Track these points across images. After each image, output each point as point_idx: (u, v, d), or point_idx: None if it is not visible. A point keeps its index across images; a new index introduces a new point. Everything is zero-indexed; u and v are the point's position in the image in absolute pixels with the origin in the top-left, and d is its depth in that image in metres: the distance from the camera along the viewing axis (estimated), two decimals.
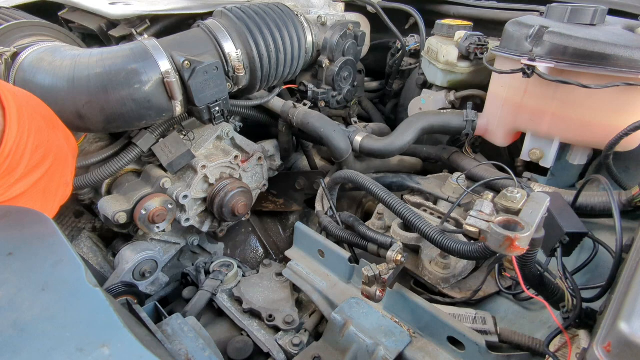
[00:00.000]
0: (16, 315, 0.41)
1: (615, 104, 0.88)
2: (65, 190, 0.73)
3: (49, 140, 0.68)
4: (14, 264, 0.45)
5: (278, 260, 1.18)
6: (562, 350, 0.65)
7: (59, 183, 0.70)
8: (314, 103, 1.28)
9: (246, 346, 0.85)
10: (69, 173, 0.73)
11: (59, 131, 0.72)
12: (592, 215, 0.87)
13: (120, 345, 0.41)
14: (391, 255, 0.75)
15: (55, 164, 0.67)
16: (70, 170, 0.73)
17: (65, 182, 0.73)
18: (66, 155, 0.72)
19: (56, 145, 0.70)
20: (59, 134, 0.72)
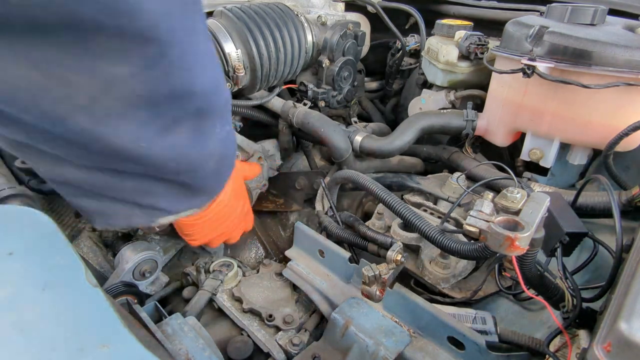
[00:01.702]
0: (16, 315, 0.41)
1: (615, 104, 0.88)
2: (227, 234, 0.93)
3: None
4: (14, 264, 0.45)
5: (278, 260, 1.18)
6: (562, 350, 0.65)
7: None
8: (314, 103, 1.28)
9: (246, 346, 0.85)
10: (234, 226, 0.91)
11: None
12: (592, 215, 0.87)
13: (120, 345, 0.41)
14: (391, 255, 0.75)
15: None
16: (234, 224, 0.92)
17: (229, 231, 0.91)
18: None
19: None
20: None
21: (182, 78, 0.45)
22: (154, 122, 0.46)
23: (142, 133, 0.46)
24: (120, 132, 0.44)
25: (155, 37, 0.40)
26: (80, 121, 0.41)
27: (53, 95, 0.39)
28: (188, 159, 0.53)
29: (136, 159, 0.48)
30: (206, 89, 0.50)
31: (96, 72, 0.39)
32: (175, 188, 0.57)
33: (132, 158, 0.47)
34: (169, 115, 0.47)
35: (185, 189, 0.59)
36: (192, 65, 0.46)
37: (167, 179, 0.54)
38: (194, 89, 0.48)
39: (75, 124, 0.41)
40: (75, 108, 0.41)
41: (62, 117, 0.41)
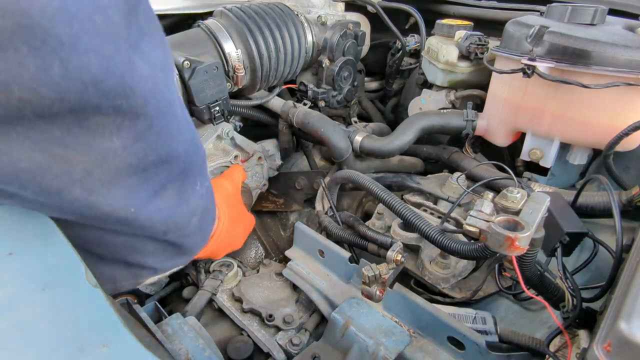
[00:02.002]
0: (16, 315, 0.41)
1: (615, 104, 0.88)
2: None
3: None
4: (14, 264, 0.45)
5: (278, 260, 1.18)
6: (562, 350, 0.65)
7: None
8: (314, 103, 1.28)
9: (246, 346, 0.85)
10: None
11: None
12: (592, 215, 0.87)
13: (120, 345, 0.41)
14: (391, 255, 0.75)
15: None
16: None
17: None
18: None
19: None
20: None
21: (167, 145, 0.49)
22: (143, 188, 0.49)
23: (131, 199, 0.48)
24: (111, 200, 0.46)
25: (144, 112, 0.44)
26: (75, 193, 0.44)
27: (52, 172, 0.41)
28: (174, 219, 0.56)
29: (125, 222, 0.50)
30: (187, 149, 0.54)
31: (92, 148, 0.42)
32: (162, 246, 0.59)
33: (122, 221, 0.50)
34: (156, 180, 0.51)
35: (172, 247, 0.61)
36: (174, 132, 0.50)
37: (156, 238, 0.57)
38: (177, 152, 0.52)
39: (70, 195, 0.44)
40: (71, 182, 0.43)
41: (59, 190, 0.43)
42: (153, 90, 0.44)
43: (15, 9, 0.31)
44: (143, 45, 0.42)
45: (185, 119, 0.54)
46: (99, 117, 0.40)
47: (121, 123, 0.42)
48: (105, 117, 0.40)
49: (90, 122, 0.40)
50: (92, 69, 0.37)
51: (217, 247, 0.84)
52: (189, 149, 0.55)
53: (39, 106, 0.36)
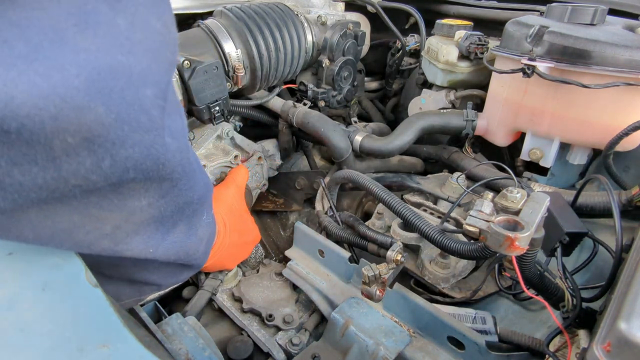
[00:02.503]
0: (16, 315, 0.41)
1: (615, 104, 0.88)
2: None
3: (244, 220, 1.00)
4: (14, 264, 0.45)
5: (278, 259, 1.18)
6: (562, 350, 0.65)
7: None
8: (313, 102, 1.28)
9: (246, 346, 0.85)
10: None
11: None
12: (592, 215, 0.87)
13: (120, 345, 0.41)
14: (391, 255, 0.76)
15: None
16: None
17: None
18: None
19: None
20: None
21: (186, 196, 0.55)
22: (159, 231, 0.54)
23: (150, 242, 0.53)
24: (133, 246, 0.52)
25: (170, 177, 0.49)
26: (103, 244, 0.49)
27: (86, 229, 0.46)
28: (185, 249, 0.61)
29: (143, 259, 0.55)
30: (201, 194, 0.59)
31: (124, 208, 0.47)
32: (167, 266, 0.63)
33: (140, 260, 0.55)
34: (170, 224, 0.56)
35: (179, 267, 0.66)
36: (192, 185, 0.56)
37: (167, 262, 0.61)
38: (192, 200, 0.57)
39: (98, 247, 0.48)
40: (100, 236, 0.48)
41: (89, 244, 0.48)
42: (179, 159, 0.49)
43: (82, 125, 0.37)
44: (170, 122, 0.47)
45: (199, 167, 0.60)
46: (132, 184, 0.45)
47: (150, 186, 0.48)
48: (138, 184, 0.46)
49: (124, 188, 0.45)
50: (135, 157, 0.42)
51: (225, 258, 0.88)
52: (202, 193, 0.60)
53: (86, 187, 0.41)
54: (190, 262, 0.65)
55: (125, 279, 0.62)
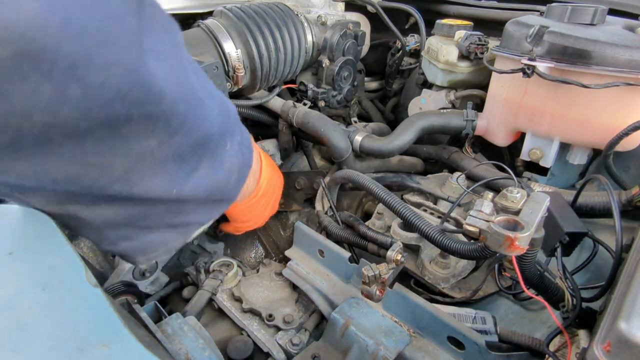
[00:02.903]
0: (16, 315, 0.41)
1: (615, 104, 0.88)
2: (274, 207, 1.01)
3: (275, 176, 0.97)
4: (14, 264, 0.45)
5: (278, 259, 1.18)
6: (562, 350, 0.65)
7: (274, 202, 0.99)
8: (313, 102, 1.28)
9: (246, 346, 0.85)
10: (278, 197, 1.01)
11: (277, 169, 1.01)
12: (592, 215, 0.87)
13: (120, 345, 0.41)
14: (391, 255, 0.76)
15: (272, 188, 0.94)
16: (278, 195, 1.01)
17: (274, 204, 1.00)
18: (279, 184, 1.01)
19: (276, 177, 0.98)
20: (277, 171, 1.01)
21: (200, 129, 0.50)
22: (181, 169, 0.50)
23: (172, 182, 0.50)
24: (154, 187, 0.48)
25: (176, 111, 0.44)
26: (117, 188, 0.45)
27: (90, 177, 0.42)
28: (215, 183, 0.57)
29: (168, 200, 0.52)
30: (220, 123, 0.55)
31: (130, 152, 0.42)
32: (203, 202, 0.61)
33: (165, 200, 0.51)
34: (193, 160, 0.52)
35: (214, 202, 0.63)
36: (205, 115, 0.50)
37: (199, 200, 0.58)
38: (212, 132, 0.52)
39: (112, 190, 0.45)
40: (112, 180, 0.44)
41: (100, 188, 0.44)
42: (181, 91, 0.43)
43: (13, 35, 0.28)
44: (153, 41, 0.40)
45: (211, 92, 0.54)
46: (131, 125, 0.40)
47: (155, 126, 0.42)
48: (138, 124, 0.40)
49: (123, 130, 0.40)
50: (115, 83, 0.35)
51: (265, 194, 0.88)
52: (222, 122, 0.55)
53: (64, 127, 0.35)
54: (223, 196, 0.62)
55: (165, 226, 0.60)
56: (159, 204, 0.54)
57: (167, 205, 0.55)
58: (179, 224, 0.61)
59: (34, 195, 0.47)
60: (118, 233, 0.57)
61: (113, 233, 0.57)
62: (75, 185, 0.43)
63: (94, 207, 0.51)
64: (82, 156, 0.39)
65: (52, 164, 0.39)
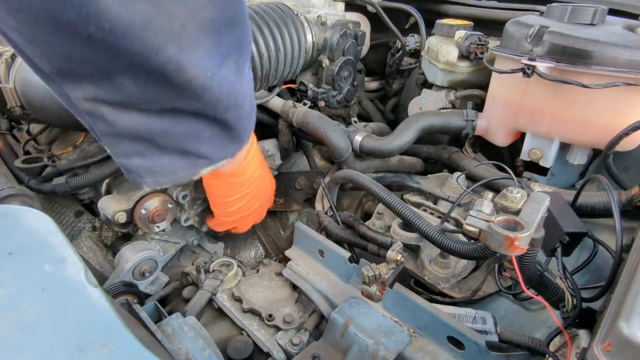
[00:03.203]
0: (16, 315, 0.41)
1: (615, 104, 0.88)
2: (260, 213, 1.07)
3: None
4: (14, 264, 0.46)
5: (278, 259, 1.18)
6: (562, 350, 0.65)
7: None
8: (313, 102, 1.28)
9: (246, 346, 0.85)
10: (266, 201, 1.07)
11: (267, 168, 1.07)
12: (592, 215, 0.87)
13: (120, 345, 0.41)
14: (391, 255, 0.76)
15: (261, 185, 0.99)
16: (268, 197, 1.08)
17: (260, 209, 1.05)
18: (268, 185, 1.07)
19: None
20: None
21: (235, 4, 0.55)
22: (216, 50, 0.55)
23: (208, 62, 0.54)
24: (195, 60, 0.52)
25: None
26: (170, 50, 0.49)
27: (157, 25, 0.47)
28: (235, 93, 0.62)
29: (201, 90, 0.56)
30: (244, 19, 0.60)
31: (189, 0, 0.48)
32: (219, 129, 0.65)
33: (198, 89, 0.55)
34: (225, 45, 0.56)
35: (227, 131, 0.67)
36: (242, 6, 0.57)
37: (216, 117, 0.62)
38: (240, 17, 0.58)
39: (165, 54, 0.49)
40: (169, 37, 0.48)
41: (158, 48, 0.48)
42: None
43: None
44: None
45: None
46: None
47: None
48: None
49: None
50: None
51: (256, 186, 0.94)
52: (245, 18, 0.60)
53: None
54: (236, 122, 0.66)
55: (179, 150, 0.64)
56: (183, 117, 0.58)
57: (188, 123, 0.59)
58: (191, 151, 0.65)
59: (75, 83, 0.52)
60: (136, 147, 0.62)
61: (131, 145, 0.62)
62: (142, 39, 0.46)
63: (122, 111, 0.56)
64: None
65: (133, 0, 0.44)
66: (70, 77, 0.53)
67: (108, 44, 0.47)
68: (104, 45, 0.47)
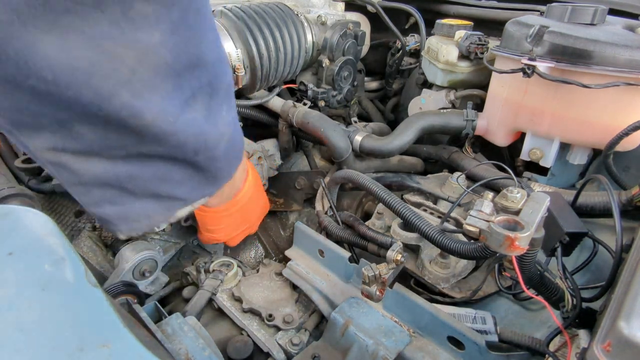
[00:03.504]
0: (16, 315, 0.41)
1: (615, 104, 0.88)
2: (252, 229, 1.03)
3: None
4: (14, 264, 0.45)
5: (278, 259, 1.18)
6: (562, 350, 0.65)
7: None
8: (313, 102, 1.28)
9: (246, 346, 0.85)
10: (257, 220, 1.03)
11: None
12: (592, 215, 0.87)
13: (120, 345, 0.41)
14: (391, 255, 0.75)
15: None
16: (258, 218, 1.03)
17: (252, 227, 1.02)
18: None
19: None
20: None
21: (197, 45, 0.52)
22: (177, 94, 0.52)
23: (168, 106, 0.51)
24: (152, 105, 0.50)
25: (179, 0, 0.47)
26: (122, 96, 0.47)
27: (104, 71, 0.45)
28: (204, 136, 0.58)
29: (162, 135, 0.53)
30: (215, 60, 0.57)
31: (137, 43, 0.45)
32: (191, 171, 0.62)
33: (160, 134, 0.53)
34: (188, 88, 0.53)
35: (200, 173, 0.64)
36: (204, 33, 0.53)
37: (186, 160, 0.59)
38: (206, 59, 0.54)
39: (118, 100, 0.47)
40: (119, 83, 0.46)
41: (109, 94, 0.46)
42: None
43: None
44: None
45: (215, 28, 0.57)
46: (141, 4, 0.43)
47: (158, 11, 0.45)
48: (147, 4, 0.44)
49: (134, 11, 0.43)
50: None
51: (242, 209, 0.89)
52: (217, 60, 0.57)
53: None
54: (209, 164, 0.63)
55: (150, 194, 0.61)
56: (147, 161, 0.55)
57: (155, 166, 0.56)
58: (164, 195, 0.62)
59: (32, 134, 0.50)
60: (104, 194, 0.59)
61: (99, 193, 0.58)
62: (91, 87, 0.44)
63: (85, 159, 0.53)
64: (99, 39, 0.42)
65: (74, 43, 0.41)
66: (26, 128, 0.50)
67: (55, 95, 0.44)
68: (52, 97, 0.45)
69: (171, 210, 0.66)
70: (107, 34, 0.43)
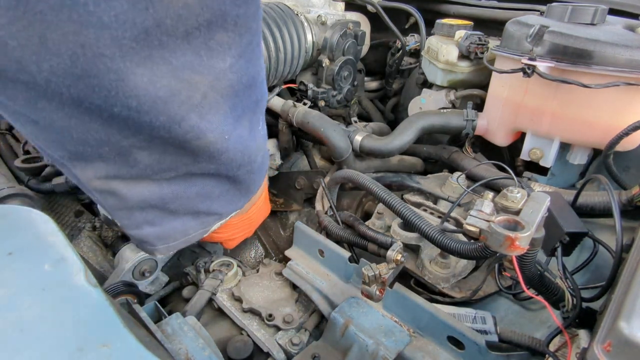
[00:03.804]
0: (16, 315, 0.41)
1: (615, 104, 0.88)
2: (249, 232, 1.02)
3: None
4: (14, 264, 0.45)
5: (278, 259, 1.18)
6: (562, 350, 0.65)
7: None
8: (313, 102, 1.28)
9: (246, 345, 0.85)
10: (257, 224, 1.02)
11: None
12: (592, 215, 0.87)
13: (120, 345, 0.41)
14: (391, 255, 0.75)
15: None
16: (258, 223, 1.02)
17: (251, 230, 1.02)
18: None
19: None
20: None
21: (255, 67, 0.54)
22: (232, 113, 0.54)
23: (225, 125, 0.54)
24: (215, 126, 0.52)
25: (250, 25, 0.49)
26: (192, 119, 0.49)
27: (180, 98, 0.46)
28: (248, 150, 0.61)
29: (217, 153, 0.55)
30: (262, 81, 0.59)
31: (211, 69, 0.47)
32: (228, 185, 0.64)
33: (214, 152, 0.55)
34: (240, 106, 0.56)
35: (237, 186, 0.66)
36: (260, 55, 0.56)
37: (228, 175, 0.61)
38: (258, 80, 0.57)
39: (187, 123, 0.49)
40: (191, 108, 0.48)
41: (181, 118, 0.48)
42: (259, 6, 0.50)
43: None
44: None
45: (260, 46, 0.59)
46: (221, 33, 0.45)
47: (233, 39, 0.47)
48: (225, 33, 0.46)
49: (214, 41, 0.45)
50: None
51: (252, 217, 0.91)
52: (263, 77, 0.61)
53: (176, 32, 0.41)
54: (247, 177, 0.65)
55: (190, 212, 0.63)
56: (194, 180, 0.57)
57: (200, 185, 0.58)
58: (203, 211, 0.64)
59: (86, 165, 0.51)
60: (146, 216, 0.61)
61: (141, 215, 0.61)
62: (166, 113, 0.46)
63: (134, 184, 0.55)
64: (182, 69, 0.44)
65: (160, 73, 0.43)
66: (82, 159, 0.52)
67: (131, 120, 0.46)
68: (126, 123, 0.46)
69: (208, 225, 0.69)
70: (189, 64, 0.45)
